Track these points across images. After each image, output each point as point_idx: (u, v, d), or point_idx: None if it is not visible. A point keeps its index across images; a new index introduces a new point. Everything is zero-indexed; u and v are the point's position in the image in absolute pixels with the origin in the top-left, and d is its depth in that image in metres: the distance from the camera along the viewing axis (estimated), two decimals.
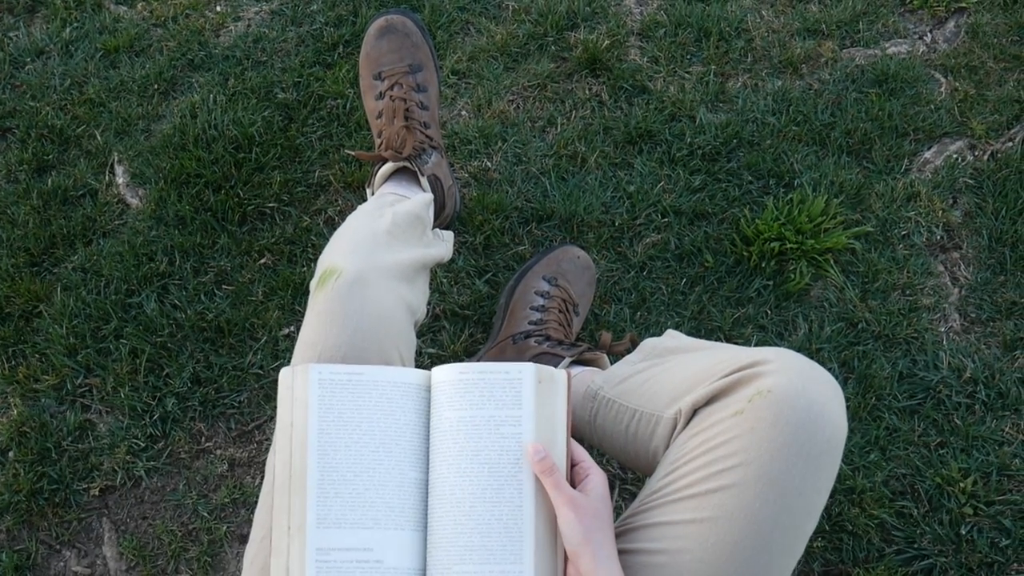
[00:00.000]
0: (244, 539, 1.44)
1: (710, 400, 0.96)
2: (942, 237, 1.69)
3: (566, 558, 0.92)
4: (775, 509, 0.88)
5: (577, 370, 1.31)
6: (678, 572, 0.90)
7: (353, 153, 1.51)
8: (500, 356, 1.43)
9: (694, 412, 0.97)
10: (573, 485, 0.94)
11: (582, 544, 0.88)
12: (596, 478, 0.94)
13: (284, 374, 0.97)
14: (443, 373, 0.97)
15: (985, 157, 1.77)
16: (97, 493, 1.50)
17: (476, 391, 0.95)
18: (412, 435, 0.97)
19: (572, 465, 0.95)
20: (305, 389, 0.95)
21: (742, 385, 0.93)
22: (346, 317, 1.06)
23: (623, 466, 1.45)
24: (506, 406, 0.95)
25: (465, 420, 0.95)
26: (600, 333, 1.42)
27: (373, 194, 1.46)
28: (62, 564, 1.46)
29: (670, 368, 1.08)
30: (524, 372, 0.95)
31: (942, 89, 1.85)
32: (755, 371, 0.93)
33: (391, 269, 1.15)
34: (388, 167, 1.44)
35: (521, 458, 0.93)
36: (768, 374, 0.92)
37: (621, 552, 0.93)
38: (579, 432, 1.19)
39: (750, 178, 1.73)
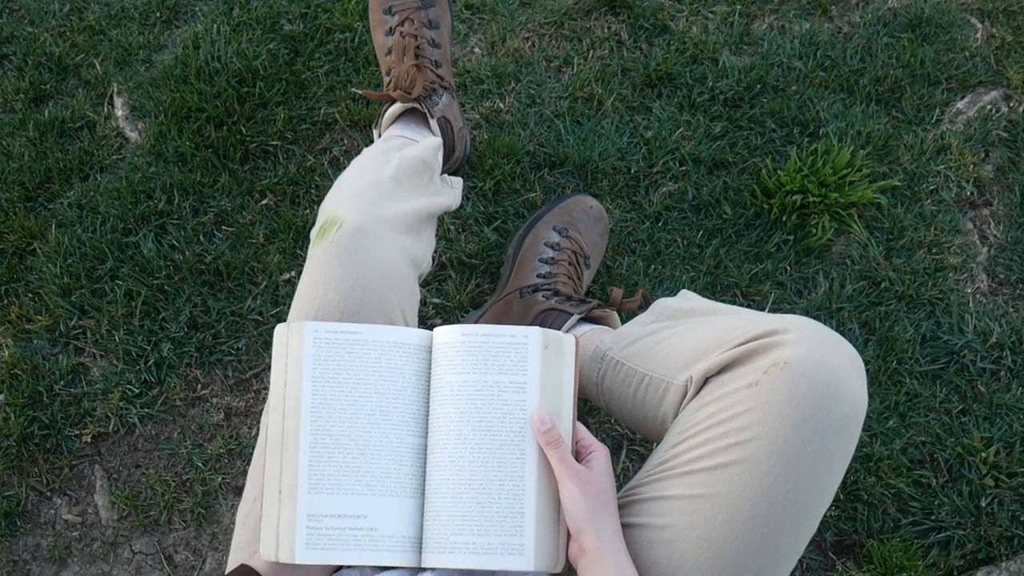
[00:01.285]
0: (239, 491, 1.42)
1: (723, 369, 0.92)
2: (972, 193, 1.63)
3: (568, 533, 0.89)
4: (788, 487, 0.85)
5: (586, 328, 1.27)
6: (684, 549, 0.87)
7: (360, 92, 1.45)
8: (506, 310, 1.39)
9: (706, 380, 0.94)
10: (577, 460, 0.91)
11: (586, 520, 0.86)
12: (600, 454, 0.92)
13: (279, 331, 0.94)
14: (445, 334, 0.94)
15: (1021, 109, 1.70)
16: (89, 440, 1.48)
17: (479, 354, 0.92)
18: (411, 398, 0.94)
19: (575, 441, 0.93)
20: (300, 347, 0.92)
21: (758, 355, 0.90)
22: (346, 270, 1.03)
23: (631, 437, 1.42)
24: (510, 371, 0.92)
25: (467, 384, 0.92)
26: (611, 289, 1.38)
27: (379, 136, 1.43)
28: (52, 511, 1.44)
29: (683, 332, 1.04)
30: (530, 336, 0.92)
31: (978, 35, 1.77)
32: (772, 340, 0.90)
33: (395, 220, 1.11)
34: (396, 108, 1.40)
35: (525, 426, 0.91)
36: (786, 344, 0.88)
37: (625, 526, 0.90)
38: (586, 393, 1.17)
39: (773, 126, 1.67)
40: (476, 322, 1.41)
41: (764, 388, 0.86)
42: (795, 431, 0.85)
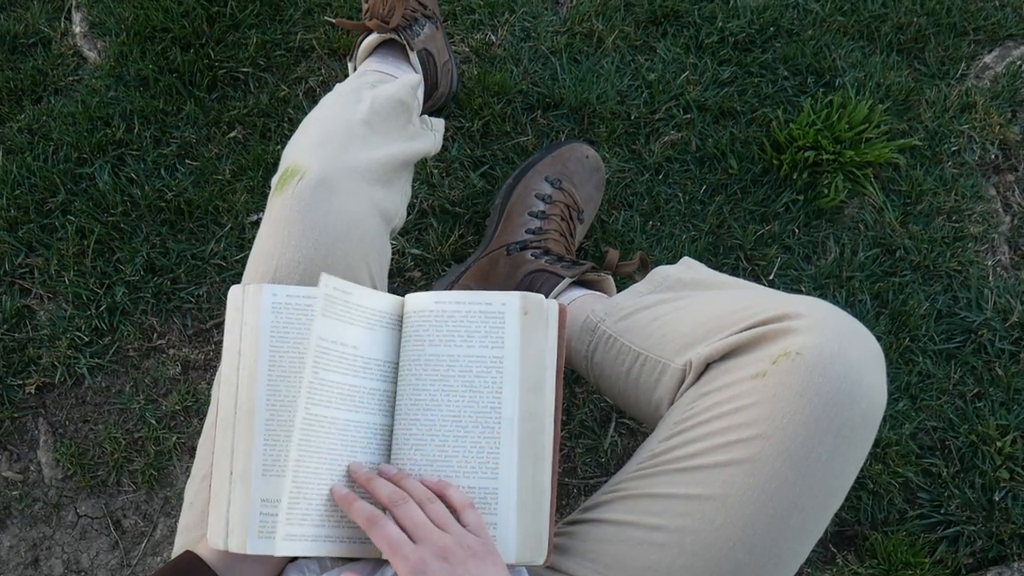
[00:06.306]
0: (195, 453, 1.34)
1: (727, 354, 0.86)
2: (997, 156, 1.52)
3: (554, 522, 0.84)
4: (795, 491, 0.79)
5: (577, 293, 1.19)
6: (675, 555, 0.81)
7: (334, 21, 1.32)
8: (492, 268, 1.29)
9: (707, 366, 0.87)
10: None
11: None
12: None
13: (234, 293, 0.87)
14: (417, 301, 0.88)
15: None
16: (33, 391, 1.41)
17: (451, 324, 0.86)
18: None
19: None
20: (257, 313, 0.86)
21: (767, 341, 0.83)
22: (307, 227, 0.94)
23: (620, 410, 1.33)
24: (485, 344, 0.86)
25: (438, 358, 0.86)
26: (606, 249, 1.27)
27: (354, 70, 1.33)
28: None
29: (683, 308, 0.96)
30: (508, 304, 0.86)
31: None
32: (783, 326, 0.83)
33: (364, 170, 1.02)
34: (373, 39, 1.30)
35: (501, 406, 0.84)
36: (798, 331, 0.81)
37: (612, 523, 0.85)
38: (575, 366, 1.09)
39: (786, 73, 1.55)
40: (458, 278, 1.31)
41: (772, 380, 0.80)
42: (805, 430, 0.78)
